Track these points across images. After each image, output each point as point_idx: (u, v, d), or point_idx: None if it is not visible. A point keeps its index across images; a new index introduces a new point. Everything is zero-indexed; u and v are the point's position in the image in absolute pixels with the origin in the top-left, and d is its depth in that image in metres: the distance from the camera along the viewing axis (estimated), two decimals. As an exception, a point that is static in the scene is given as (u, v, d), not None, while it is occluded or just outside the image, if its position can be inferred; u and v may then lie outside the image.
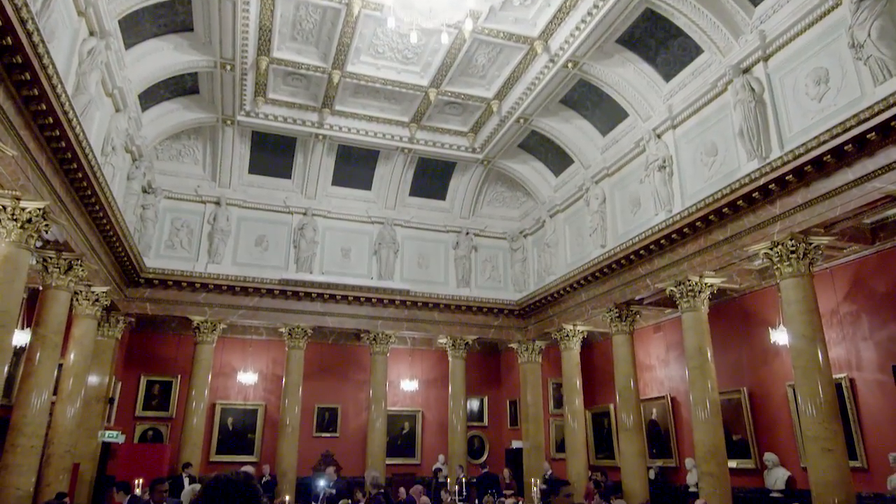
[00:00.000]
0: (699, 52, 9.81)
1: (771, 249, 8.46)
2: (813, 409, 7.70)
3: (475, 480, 13.56)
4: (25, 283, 7.69)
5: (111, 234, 10.11)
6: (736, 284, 11.08)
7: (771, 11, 8.64)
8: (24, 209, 7.33)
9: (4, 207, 7.26)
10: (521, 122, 12.67)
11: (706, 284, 10.04)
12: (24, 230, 7.37)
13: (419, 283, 14.83)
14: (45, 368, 8.63)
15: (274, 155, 14.10)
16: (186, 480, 10.46)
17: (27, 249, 7.53)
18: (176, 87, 11.85)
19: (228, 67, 11.13)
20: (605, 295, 12.21)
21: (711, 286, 10.13)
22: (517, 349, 15.39)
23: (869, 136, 6.94)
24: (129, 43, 9.95)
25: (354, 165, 14.57)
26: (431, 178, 15.17)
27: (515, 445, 15.86)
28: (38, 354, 8.61)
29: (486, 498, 9.22)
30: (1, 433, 8.36)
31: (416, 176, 14.96)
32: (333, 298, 13.99)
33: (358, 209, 14.97)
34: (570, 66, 10.77)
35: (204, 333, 13.14)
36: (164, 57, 10.66)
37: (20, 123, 6.62)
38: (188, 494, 4.19)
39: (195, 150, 13.83)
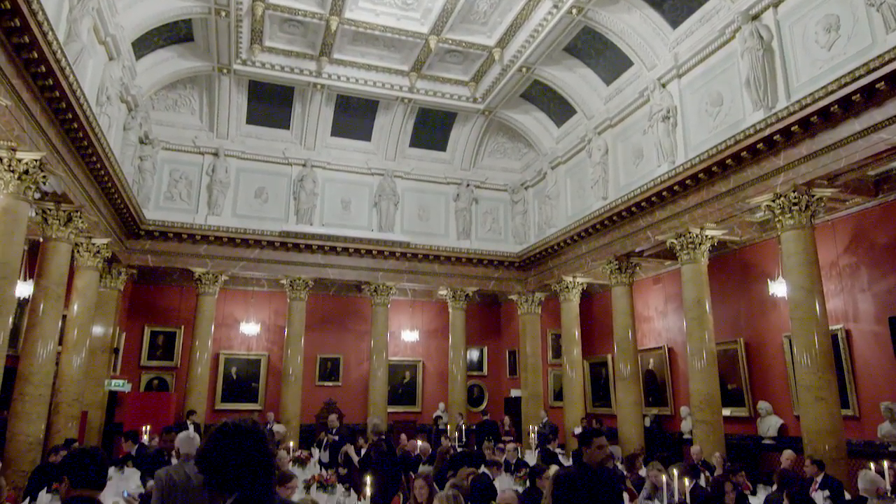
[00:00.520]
0: (708, -4, 9.52)
1: (773, 201, 8.42)
2: (808, 359, 7.82)
3: (475, 427, 13.91)
4: (25, 234, 7.73)
5: (109, 185, 10.05)
6: (736, 237, 11.08)
7: (783, -46, 8.37)
8: (20, 160, 7.30)
9: (1, 159, 7.22)
10: (523, 70, 12.40)
11: (707, 237, 10.04)
12: (21, 182, 7.36)
13: (419, 235, 14.84)
14: (49, 319, 8.74)
15: (272, 105, 13.87)
16: (191, 427, 10.70)
17: (25, 201, 7.55)
18: (170, 34, 11.54)
19: (223, 13, 10.82)
20: (605, 247, 12.22)
21: (712, 238, 10.14)
22: (517, 301, 15.51)
23: (878, 85, 6.81)
24: (119, -13, 9.66)
25: (354, 116, 14.35)
26: (432, 128, 14.96)
27: (514, 394, 16.18)
28: (41, 305, 8.72)
29: (485, 444, 9.44)
30: (9, 382, 8.51)
31: (416, 127, 14.75)
32: (334, 250, 14.01)
33: (358, 160, 14.84)
34: (574, 11, 10.47)
35: (206, 285, 13.25)
36: (156, 2, 10.34)
37: (12, 72, 6.50)
38: (183, 440, 4.28)
39: (191, 100, 13.60)
